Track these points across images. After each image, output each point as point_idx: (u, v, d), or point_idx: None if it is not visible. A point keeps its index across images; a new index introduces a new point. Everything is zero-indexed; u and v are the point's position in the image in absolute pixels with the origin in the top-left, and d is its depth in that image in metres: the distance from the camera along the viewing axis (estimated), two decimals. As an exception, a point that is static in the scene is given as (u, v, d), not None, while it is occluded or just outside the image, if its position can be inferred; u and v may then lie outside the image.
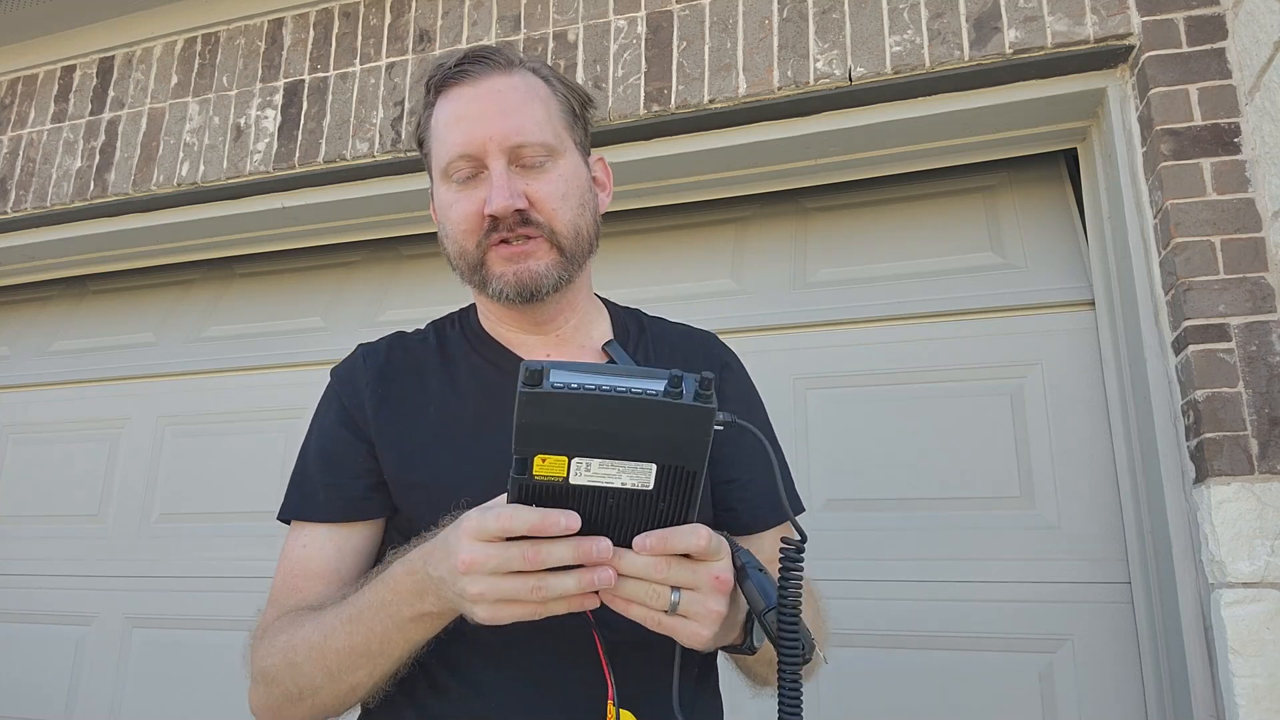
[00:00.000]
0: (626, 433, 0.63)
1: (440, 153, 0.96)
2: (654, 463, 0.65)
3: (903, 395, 1.83)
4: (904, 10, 1.74)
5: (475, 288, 0.98)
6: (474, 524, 0.67)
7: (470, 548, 0.67)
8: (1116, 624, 1.59)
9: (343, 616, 0.80)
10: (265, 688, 0.85)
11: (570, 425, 0.63)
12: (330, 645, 0.79)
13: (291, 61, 2.23)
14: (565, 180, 0.95)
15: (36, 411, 2.58)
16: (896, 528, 1.75)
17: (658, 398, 0.62)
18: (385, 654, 0.78)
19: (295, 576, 0.91)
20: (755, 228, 2.12)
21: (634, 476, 0.65)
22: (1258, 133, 1.45)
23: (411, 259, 2.39)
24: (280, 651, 0.83)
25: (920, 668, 1.66)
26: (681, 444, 0.65)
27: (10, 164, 2.46)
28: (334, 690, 0.81)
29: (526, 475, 0.64)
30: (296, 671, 0.82)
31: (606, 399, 0.62)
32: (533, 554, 0.65)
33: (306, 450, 0.98)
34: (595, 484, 0.65)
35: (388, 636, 0.77)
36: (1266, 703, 1.27)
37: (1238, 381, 1.39)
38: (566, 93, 1.00)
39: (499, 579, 0.66)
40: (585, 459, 0.64)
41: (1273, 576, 1.30)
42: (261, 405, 2.31)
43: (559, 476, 0.64)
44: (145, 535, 2.33)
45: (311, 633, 0.81)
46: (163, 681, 2.18)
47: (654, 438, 0.64)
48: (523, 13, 2.03)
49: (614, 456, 0.64)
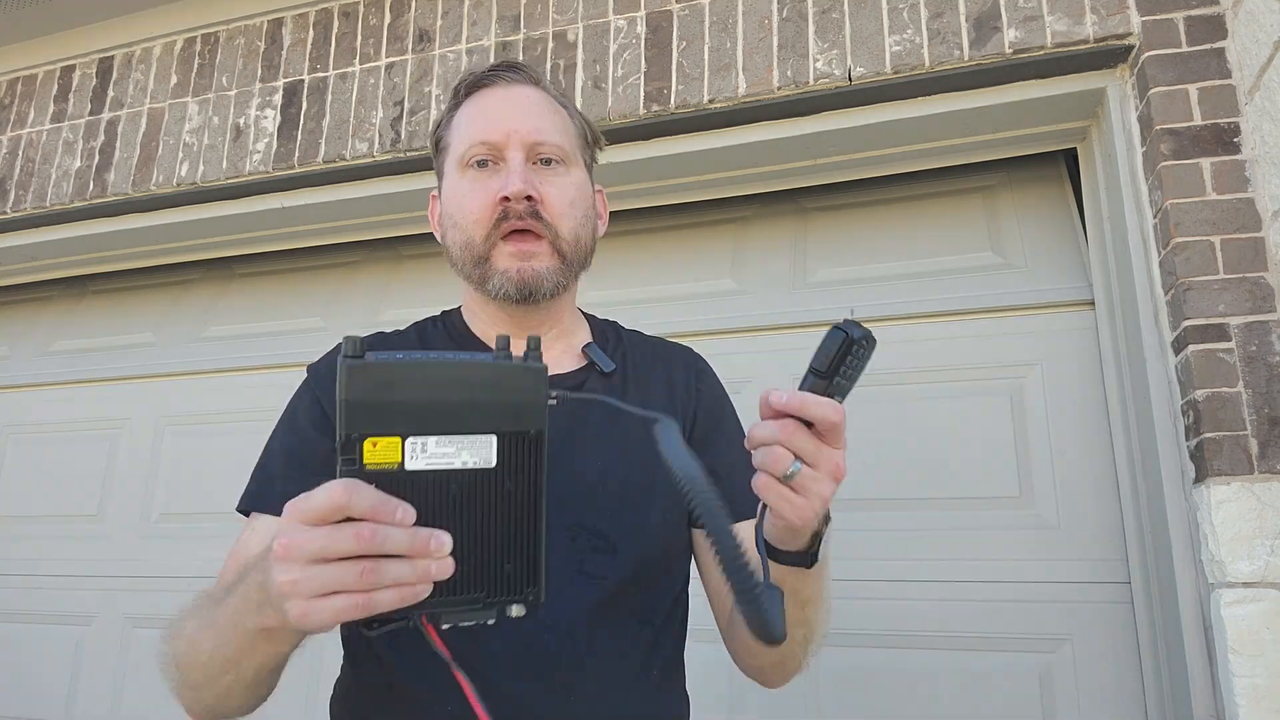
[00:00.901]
0: (461, 403, 0.60)
1: (460, 142, 0.98)
2: (494, 432, 0.62)
3: (903, 395, 1.83)
4: (904, 10, 1.74)
5: (474, 283, 0.98)
6: (300, 502, 0.57)
7: (288, 529, 0.57)
8: (1116, 624, 1.59)
9: (211, 619, 0.75)
10: (173, 669, 0.82)
11: (401, 399, 0.59)
12: (201, 647, 0.76)
13: (291, 61, 2.23)
14: (575, 187, 0.98)
15: (36, 411, 2.58)
16: (896, 528, 1.75)
17: (489, 360, 0.61)
18: (244, 664, 0.73)
19: (238, 560, 0.89)
20: (755, 228, 2.12)
21: (475, 453, 0.61)
22: (1257, 132, 1.45)
23: (411, 259, 2.39)
24: (184, 639, 0.80)
25: (920, 668, 1.66)
26: (519, 408, 0.63)
27: (10, 164, 2.46)
28: (215, 690, 0.78)
29: (357, 463, 0.58)
30: (187, 667, 0.79)
31: (436, 365, 0.60)
32: (369, 533, 0.56)
33: (272, 442, 0.97)
34: (434, 467, 0.60)
35: (241, 648, 0.71)
36: (1266, 703, 1.27)
37: (1237, 381, 1.39)
38: (582, 122, 1.05)
39: (320, 567, 0.57)
40: (420, 438, 0.60)
41: (1273, 576, 1.30)
42: (261, 405, 2.31)
43: (393, 463, 0.59)
44: (145, 535, 2.33)
45: (195, 628, 0.78)
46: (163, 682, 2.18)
47: (490, 404, 0.62)
48: (522, 12, 2.03)
49: (450, 431, 0.60)
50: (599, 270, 1.10)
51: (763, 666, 0.97)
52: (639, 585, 0.91)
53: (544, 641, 0.85)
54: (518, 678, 0.84)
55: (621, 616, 0.89)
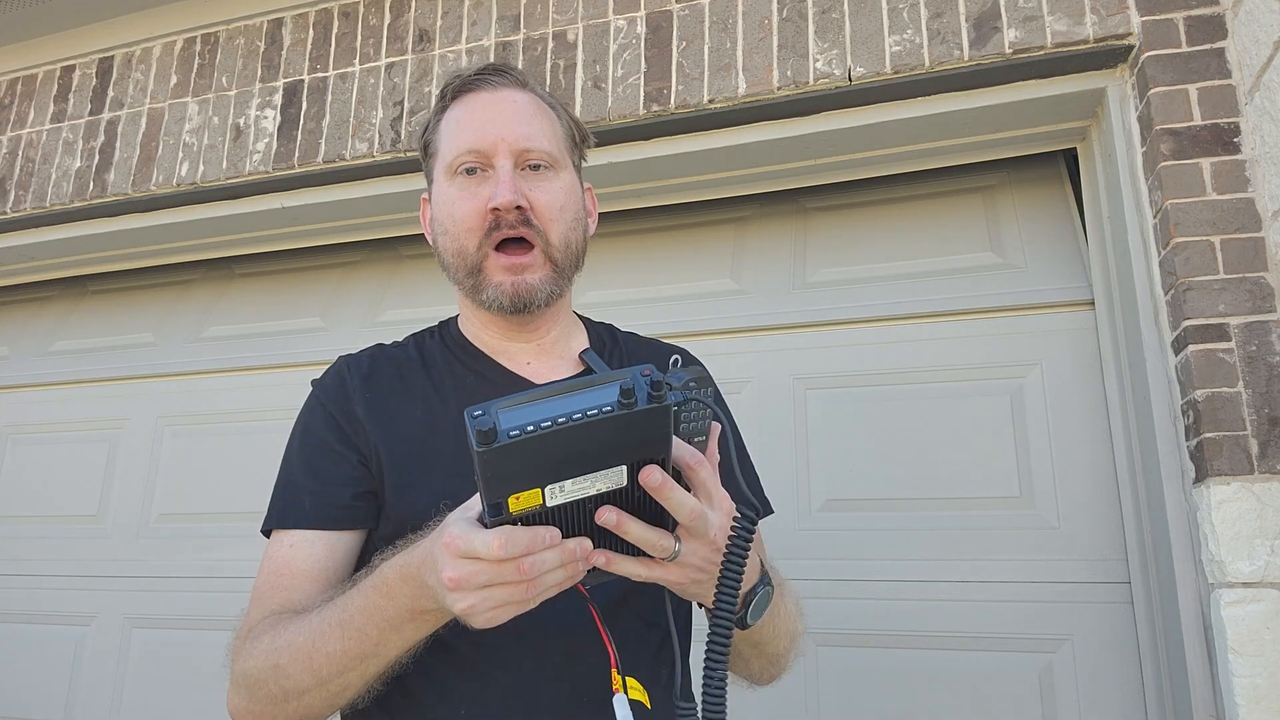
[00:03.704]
0: (591, 451, 0.63)
1: (448, 149, 0.98)
2: (624, 464, 0.65)
3: (903, 395, 1.83)
4: (904, 10, 1.74)
5: (467, 293, 0.99)
6: (461, 543, 0.66)
7: (456, 566, 0.66)
8: (1116, 624, 1.59)
9: (332, 621, 0.79)
10: (247, 690, 0.84)
11: (535, 464, 0.62)
12: (320, 649, 0.79)
13: (291, 61, 2.23)
14: (564, 192, 0.99)
15: (36, 411, 2.58)
16: (896, 528, 1.75)
17: (614, 413, 0.61)
18: (379, 655, 0.78)
19: (281, 575, 0.90)
20: (755, 228, 2.12)
21: (608, 481, 0.66)
22: (1257, 132, 1.45)
23: (411, 259, 2.39)
24: (264, 654, 0.83)
25: (920, 668, 1.66)
26: (646, 442, 0.65)
27: (10, 164, 2.46)
28: (323, 693, 0.81)
29: (504, 514, 0.64)
30: (281, 674, 0.81)
31: (563, 432, 0.61)
32: (529, 566, 0.65)
33: (289, 461, 0.97)
34: (573, 499, 0.65)
35: (383, 639, 0.77)
36: (1266, 703, 1.27)
37: (1237, 381, 1.39)
38: (570, 122, 1.05)
39: (489, 591, 0.67)
40: (558, 484, 0.64)
41: (1272, 576, 1.30)
42: (261, 405, 2.31)
43: (535, 505, 0.64)
44: (145, 535, 2.33)
45: (297, 636, 0.81)
46: (163, 681, 2.18)
47: (618, 445, 0.64)
48: (522, 12, 2.03)
49: (584, 473, 0.64)
50: (600, 270, 1.11)
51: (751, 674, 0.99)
52: (644, 589, 0.91)
53: (553, 644, 0.85)
54: (527, 680, 0.85)
55: (629, 619, 0.89)
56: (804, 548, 1.78)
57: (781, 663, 0.96)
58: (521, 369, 1.02)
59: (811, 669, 1.72)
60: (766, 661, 0.95)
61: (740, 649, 0.91)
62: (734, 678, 1.01)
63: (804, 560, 1.76)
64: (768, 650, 0.92)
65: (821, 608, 1.70)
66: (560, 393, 0.62)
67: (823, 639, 1.71)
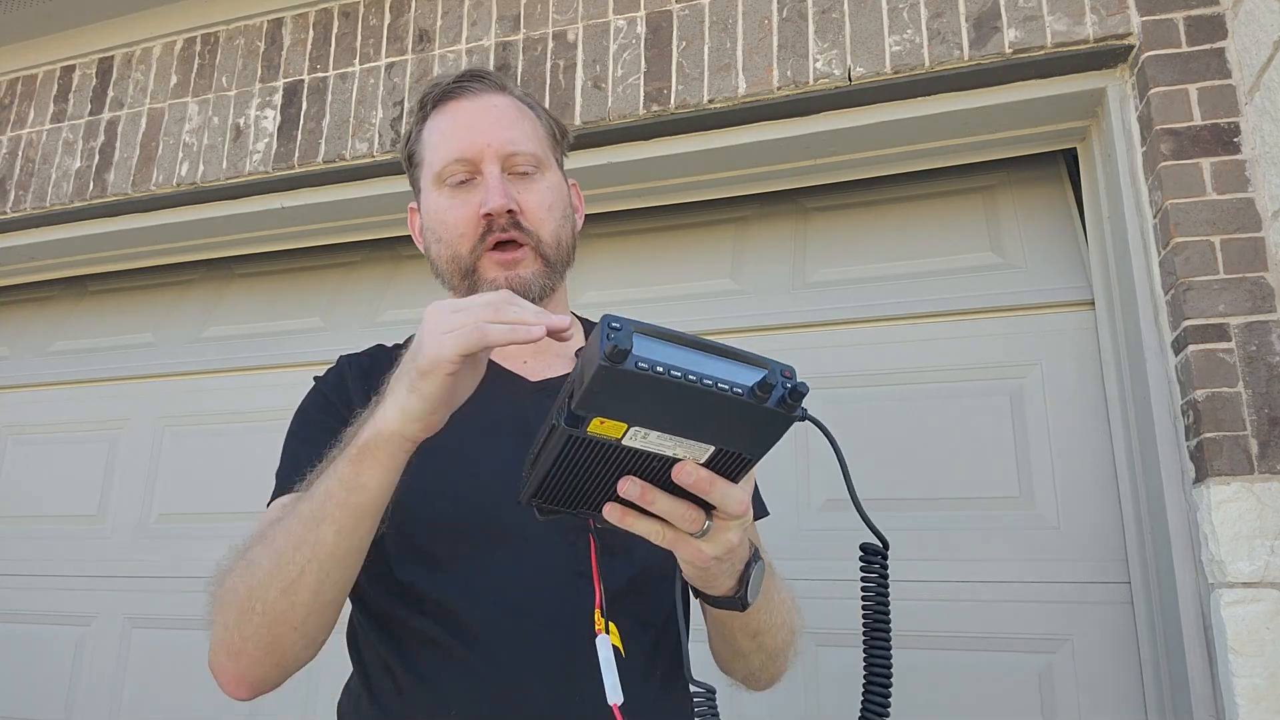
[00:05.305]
0: (698, 419, 0.61)
1: (435, 158, 1.00)
2: (714, 445, 0.63)
3: (903, 395, 1.83)
4: (903, 10, 1.74)
5: (460, 295, 1.00)
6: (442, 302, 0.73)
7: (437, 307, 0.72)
8: (1116, 624, 1.59)
9: (293, 512, 0.79)
10: (219, 614, 0.82)
11: (640, 402, 0.59)
12: (279, 526, 0.79)
13: (291, 61, 2.23)
14: (551, 191, 1.01)
15: (36, 412, 2.58)
16: (896, 528, 1.74)
17: (742, 397, 0.59)
18: (329, 517, 0.75)
19: (273, 515, 0.88)
20: (755, 228, 2.12)
21: (689, 451, 0.63)
22: (1257, 132, 1.45)
23: (411, 259, 2.39)
24: (237, 560, 0.82)
25: (920, 668, 1.66)
26: (750, 438, 0.63)
27: (10, 164, 2.46)
28: (281, 583, 0.76)
29: (580, 430, 0.61)
30: (249, 572, 0.79)
31: (686, 388, 0.58)
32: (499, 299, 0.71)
33: (290, 440, 0.98)
34: (648, 449, 0.62)
35: (329, 493, 0.75)
36: (1266, 703, 1.27)
37: (1237, 381, 1.39)
38: (549, 120, 1.07)
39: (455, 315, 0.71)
40: (646, 430, 0.61)
41: (1273, 576, 1.30)
42: (261, 405, 2.31)
43: (613, 437, 0.61)
44: (145, 535, 2.33)
45: (263, 529, 0.81)
46: (163, 682, 2.18)
47: (725, 428, 0.62)
48: (522, 12, 2.03)
49: (675, 433, 0.62)
50: (600, 270, 1.11)
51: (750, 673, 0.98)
52: (640, 589, 0.92)
53: (546, 644, 0.86)
54: (521, 679, 0.85)
55: (623, 620, 0.89)
56: (804, 548, 1.78)
57: (781, 660, 0.96)
58: (518, 367, 1.03)
59: (811, 669, 1.72)
60: (766, 657, 0.94)
61: (739, 642, 0.91)
62: (733, 679, 1.01)
63: (804, 560, 1.76)
64: (766, 644, 0.92)
65: (821, 608, 1.70)
66: (700, 348, 0.61)
67: (823, 639, 1.71)
